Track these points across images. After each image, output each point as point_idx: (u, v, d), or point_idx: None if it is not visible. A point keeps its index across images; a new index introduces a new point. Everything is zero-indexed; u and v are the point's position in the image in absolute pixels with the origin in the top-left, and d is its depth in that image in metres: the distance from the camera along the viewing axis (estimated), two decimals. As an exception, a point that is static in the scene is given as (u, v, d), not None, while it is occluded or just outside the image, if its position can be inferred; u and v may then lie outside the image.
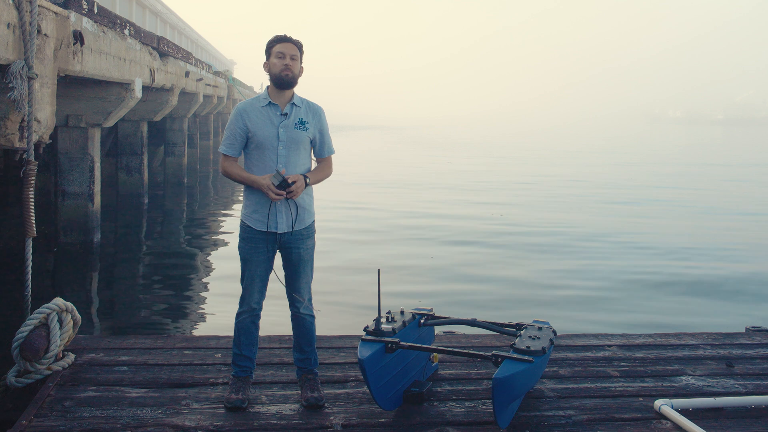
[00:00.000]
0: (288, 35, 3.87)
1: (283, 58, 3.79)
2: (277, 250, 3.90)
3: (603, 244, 12.00)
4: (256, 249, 3.85)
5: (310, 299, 3.97)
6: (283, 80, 3.80)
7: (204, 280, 9.22)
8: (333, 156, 4.03)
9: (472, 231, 12.96)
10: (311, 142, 3.90)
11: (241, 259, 3.91)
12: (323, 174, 3.95)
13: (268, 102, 3.85)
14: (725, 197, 19.99)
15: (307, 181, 3.81)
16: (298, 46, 3.85)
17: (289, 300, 3.96)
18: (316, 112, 3.93)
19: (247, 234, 3.88)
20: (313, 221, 3.98)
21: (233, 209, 15.49)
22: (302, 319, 3.95)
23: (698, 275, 9.88)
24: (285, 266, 3.92)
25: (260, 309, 3.93)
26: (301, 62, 3.89)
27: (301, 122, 3.84)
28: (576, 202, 17.68)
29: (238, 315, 3.93)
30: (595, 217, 15.13)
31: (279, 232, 3.81)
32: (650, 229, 13.81)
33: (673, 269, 10.15)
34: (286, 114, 3.83)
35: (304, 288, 3.93)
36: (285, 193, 3.69)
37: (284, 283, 3.94)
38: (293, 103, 3.87)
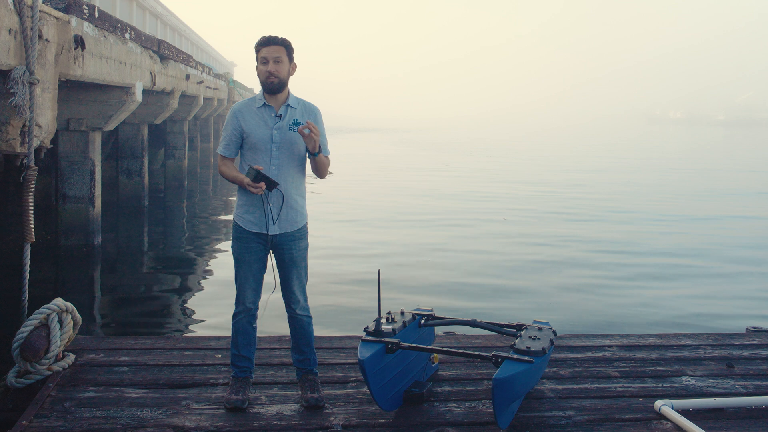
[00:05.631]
0: (273, 36, 3.80)
1: (267, 63, 3.76)
2: (271, 251, 3.90)
3: (603, 245, 12.01)
4: (249, 249, 3.86)
5: (305, 300, 3.97)
6: (268, 87, 3.79)
7: (204, 281, 9.23)
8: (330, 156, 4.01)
9: (472, 231, 12.96)
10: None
11: (234, 259, 3.92)
12: (326, 162, 3.90)
13: (263, 103, 3.85)
14: (725, 199, 20.00)
15: (321, 148, 3.76)
16: (285, 45, 3.79)
17: (285, 301, 3.96)
18: (312, 112, 3.91)
19: (239, 234, 3.89)
20: (306, 223, 3.97)
21: (233, 211, 15.48)
22: (299, 320, 3.95)
23: (698, 275, 9.89)
24: (278, 267, 3.92)
25: (256, 309, 3.93)
26: (292, 60, 3.83)
27: (296, 123, 3.83)
28: (577, 203, 17.68)
29: (234, 316, 3.94)
30: (595, 218, 15.12)
31: (270, 233, 3.82)
32: (650, 229, 13.81)
33: (673, 269, 10.15)
34: (280, 116, 3.83)
35: (299, 289, 3.92)
36: (263, 185, 3.68)
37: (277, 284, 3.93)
38: (288, 104, 3.85)
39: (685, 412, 3.78)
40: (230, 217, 14.75)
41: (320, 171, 3.89)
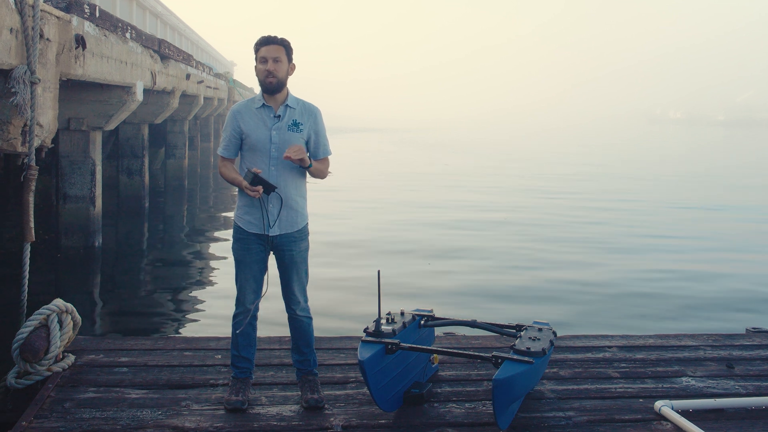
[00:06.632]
0: (272, 35, 3.80)
1: (266, 63, 3.75)
2: (271, 252, 3.90)
3: (603, 245, 12.00)
4: (249, 250, 3.85)
5: (306, 301, 3.97)
6: (267, 87, 3.78)
7: (204, 281, 9.23)
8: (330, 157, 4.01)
9: (472, 231, 12.96)
10: (306, 144, 3.87)
11: (234, 260, 3.92)
12: (323, 166, 3.93)
13: (262, 104, 3.84)
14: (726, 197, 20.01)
15: (311, 160, 3.79)
16: (284, 45, 3.79)
17: (285, 302, 3.96)
18: (311, 112, 3.90)
19: (239, 235, 3.89)
20: (306, 224, 3.96)
21: (233, 211, 15.49)
22: (299, 321, 3.95)
23: (699, 276, 9.88)
24: (279, 268, 3.92)
25: (256, 310, 3.93)
26: (291, 60, 3.83)
27: (295, 124, 3.82)
28: (577, 204, 17.68)
29: (234, 316, 3.93)
30: (595, 218, 15.12)
31: (270, 234, 3.82)
32: (650, 229, 13.80)
33: (673, 270, 10.15)
34: (279, 116, 3.82)
35: (299, 290, 3.92)
36: (261, 188, 3.68)
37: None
38: (287, 104, 3.85)
39: (685, 413, 3.79)
40: (230, 217, 14.75)
41: (317, 176, 3.92)
